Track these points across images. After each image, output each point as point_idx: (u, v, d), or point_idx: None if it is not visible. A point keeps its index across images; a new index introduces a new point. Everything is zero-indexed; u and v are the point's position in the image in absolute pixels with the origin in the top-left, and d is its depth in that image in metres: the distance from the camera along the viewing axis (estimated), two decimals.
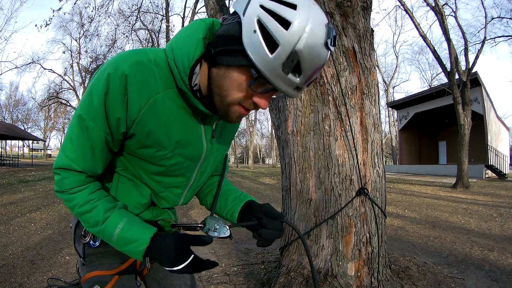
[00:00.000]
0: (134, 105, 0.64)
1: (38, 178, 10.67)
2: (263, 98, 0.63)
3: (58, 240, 3.77)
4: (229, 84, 0.62)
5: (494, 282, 2.55)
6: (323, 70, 2.12)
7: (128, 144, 0.70)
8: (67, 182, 0.68)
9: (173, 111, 0.69)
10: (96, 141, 0.66)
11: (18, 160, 20.80)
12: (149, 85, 0.65)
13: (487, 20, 10.83)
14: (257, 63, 0.55)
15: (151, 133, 0.68)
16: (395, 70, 30.83)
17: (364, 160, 2.10)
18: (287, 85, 0.58)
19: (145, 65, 0.64)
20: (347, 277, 1.96)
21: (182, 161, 0.75)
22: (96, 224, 0.68)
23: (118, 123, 0.65)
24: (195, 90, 0.67)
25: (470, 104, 9.72)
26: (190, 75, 0.65)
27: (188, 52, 0.64)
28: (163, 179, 0.77)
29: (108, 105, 0.63)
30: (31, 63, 21.23)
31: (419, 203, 6.94)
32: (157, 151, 0.70)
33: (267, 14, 0.54)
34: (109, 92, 0.63)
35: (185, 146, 0.73)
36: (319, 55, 0.56)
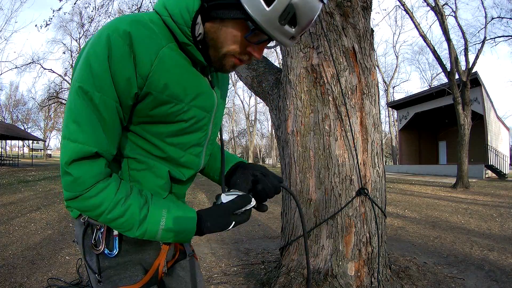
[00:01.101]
0: (144, 61, 0.60)
1: (38, 178, 10.67)
2: (258, 48, 0.65)
3: (58, 240, 3.77)
4: (224, 37, 0.63)
5: (494, 282, 2.55)
6: (323, 70, 2.12)
7: (140, 108, 0.64)
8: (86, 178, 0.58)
9: (181, 63, 0.66)
10: (105, 113, 0.59)
11: (18, 160, 20.80)
12: (153, 39, 0.62)
13: (487, 20, 10.84)
14: (254, 16, 0.57)
15: (166, 86, 0.63)
16: (395, 70, 30.86)
17: (364, 160, 2.10)
18: (283, 35, 0.61)
19: (144, 22, 0.62)
20: (347, 277, 1.96)
21: (198, 113, 0.71)
22: (131, 228, 0.61)
23: (128, 85, 0.59)
24: (198, 41, 0.66)
25: (470, 104, 9.72)
26: (192, 27, 0.64)
27: (186, 5, 0.62)
28: (181, 139, 0.70)
29: (114, 68, 0.57)
30: (31, 63, 21.26)
31: (419, 203, 6.94)
32: (173, 106, 0.65)
33: None
34: (113, 54, 0.57)
35: (199, 96, 0.70)
36: (313, 7, 0.58)
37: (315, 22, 0.64)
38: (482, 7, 11.70)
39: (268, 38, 0.63)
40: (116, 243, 0.68)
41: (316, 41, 2.13)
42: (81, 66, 0.58)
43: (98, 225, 0.68)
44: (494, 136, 14.91)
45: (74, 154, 0.57)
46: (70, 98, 0.59)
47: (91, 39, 0.61)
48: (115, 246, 0.68)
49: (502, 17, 12.46)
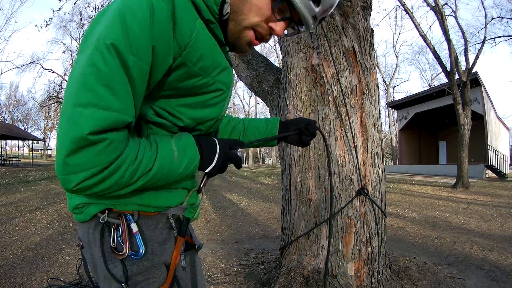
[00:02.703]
0: (185, 30, 0.56)
1: (38, 178, 10.67)
2: (279, 25, 0.66)
3: (58, 240, 3.77)
4: (249, 8, 0.63)
5: (494, 282, 2.55)
6: (323, 70, 2.12)
7: (168, 80, 0.59)
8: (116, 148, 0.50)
9: (209, 39, 0.64)
10: (137, 80, 0.52)
11: (18, 160, 20.80)
12: (190, 9, 0.59)
13: (487, 20, 10.84)
14: None
15: (200, 58, 0.60)
16: (395, 70, 30.85)
17: (364, 160, 2.10)
18: (308, 10, 0.64)
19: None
20: (347, 277, 1.96)
21: (220, 87, 0.68)
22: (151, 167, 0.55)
23: (166, 54, 0.54)
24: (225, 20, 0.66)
25: (470, 104, 9.73)
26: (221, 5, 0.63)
27: None
28: (199, 113, 0.67)
29: (155, 34, 0.51)
30: (31, 63, 21.25)
31: (419, 203, 6.94)
32: (200, 79, 0.62)
33: None
34: (155, 17, 0.51)
35: (223, 71, 0.68)
36: None
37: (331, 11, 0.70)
38: (482, 7, 11.71)
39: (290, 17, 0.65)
40: (140, 240, 0.61)
41: (316, 41, 2.14)
42: (111, 23, 0.49)
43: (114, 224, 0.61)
44: (494, 136, 14.91)
45: (105, 124, 0.47)
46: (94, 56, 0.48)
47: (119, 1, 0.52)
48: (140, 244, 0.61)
49: (502, 17, 12.46)
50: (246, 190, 9.63)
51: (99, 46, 0.48)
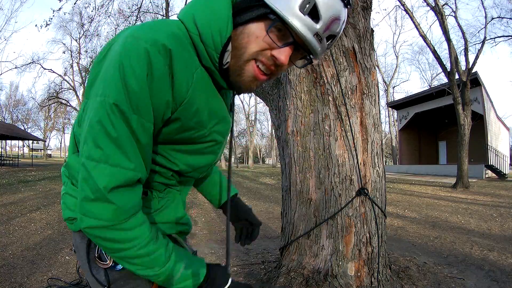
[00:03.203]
0: (182, 84, 0.56)
1: (38, 178, 10.67)
2: (282, 52, 0.58)
3: (58, 240, 3.77)
4: (246, 39, 0.58)
5: (494, 282, 2.55)
6: (323, 70, 2.12)
7: (166, 130, 0.60)
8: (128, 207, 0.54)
9: (208, 86, 0.63)
10: (142, 136, 0.54)
11: (18, 160, 20.80)
12: (190, 60, 0.58)
13: (487, 20, 10.84)
14: (275, 5, 0.55)
15: (197, 113, 0.61)
16: (395, 70, 30.85)
17: (364, 160, 2.10)
18: (306, 27, 0.56)
19: (181, 37, 0.56)
20: (347, 277, 1.96)
21: (216, 138, 0.69)
22: (155, 265, 0.57)
23: (165, 109, 0.55)
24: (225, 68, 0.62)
25: (470, 104, 9.73)
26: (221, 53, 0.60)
27: (219, 28, 0.58)
28: (195, 160, 0.69)
29: (154, 90, 0.52)
30: (31, 63, 21.26)
31: (419, 203, 6.94)
32: (196, 132, 0.63)
33: None
34: (153, 72, 0.51)
35: (220, 123, 0.68)
36: (334, 4, 0.56)
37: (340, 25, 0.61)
38: (482, 7, 11.71)
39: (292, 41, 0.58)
40: None
41: None
42: (113, 79, 0.51)
43: None
44: (494, 136, 14.91)
45: (116, 180, 0.52)
46: (100, 114, 0.51)
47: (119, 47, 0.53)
48: None
49: (502, 17, 12.47)
50: (246, 190, 9.63)
51: (104, 105, 0.51)
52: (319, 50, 0.60)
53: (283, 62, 0.58)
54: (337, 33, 0.61)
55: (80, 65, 21.54)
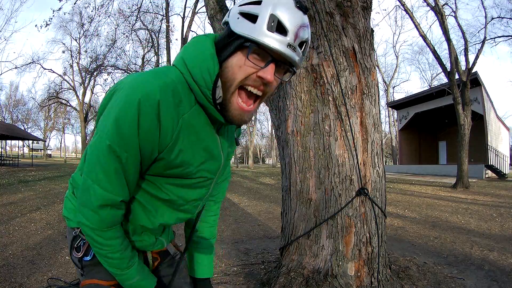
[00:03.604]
0: (167, 131, 0.65)
1: (38, 178, 10.67)
2: (267, 70, 0.65)
3: (58, 240, 3.77)
4: (231, 72, 0.66)
5: (494, 282, 2.55)
6: (323, 70, 2.12)
7: (155, 166, 0.71)
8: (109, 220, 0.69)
9: (198, 129, 0.71)
10: (130, 168, 0.67)
11: (18, 160, 20.79)
12: (178, 108, 0.66)
13: (487, 20, 10.84)
14: (247, 34, 0.63)
15: (180, 154, 0.69)
16: (395, 70, 30.85)
17: (364, 160, 2.10)
18: (279, 42, 0.63)
19: (172, 87, 0.65)
20: (347, 277, 1.96)
21: (205, 175, 0.78)
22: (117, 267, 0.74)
23: (151, 150, 0.66)
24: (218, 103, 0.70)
25: (470, 104, 9.72)
26: (213, 90, 0.67)
27: (207, 67, 0.66)
28: (186, 193, 0.78)
29: (142, 135, 0.63)
30: (31, 63, 21.22)
31: (419, 203, 6.94)
32: (184, 169, 0.72)
33: (243, 6, 0.66)
34: (142, 120, 0.61)
35: (208, 161, 0.76)
36: (294, 15, 0.64)
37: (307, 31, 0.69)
38: (482, 7, 11.70)
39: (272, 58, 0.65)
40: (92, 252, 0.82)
41: (316, 41, 2.13)
42: (110, 123, 0.63)
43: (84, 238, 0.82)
44: (494, 136, 14.91)
45: (103, 201, 0.67)
46: (99, 148, 0.65)
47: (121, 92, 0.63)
48: (91, 253, 0.82)
49: (502, 17, 12.45)
50: (246, 190, 9.63)
51: (102, 143, 0.64)
52: (297, 59, 0.67)
53: (269, 80, 0.65)
54: (306, 39, 0.68)
55: (80, 65, 21.52)
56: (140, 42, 20.35)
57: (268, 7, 0.63)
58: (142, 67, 20.19)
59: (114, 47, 18.93)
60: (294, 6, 0.65)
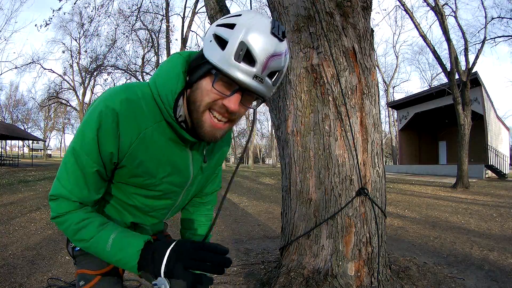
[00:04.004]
0: (125, 140, 0.69)
1: (38, 178, 10.67)
2: (231, 100, 0.66)
3: (58, 240, 3.77)
4: (200, 94, 0.68)
5: (494, 282, 2.55)
6: (323, 70, 2.12)
7: (119, 173, 0.76)
8: (63, 206, 0.72)
9: (162, 144, 0.74)
10: (89, 172, 0.71)
11: (18, 160, 20.79)
12: (138, 120, 0.70)
13: (487, 20, 10.83)
14: (214, 61, 0.63)
15: (141, 164, 0.73)
16: (395, 70, 30.85)
17: (364, 160, 2.10)
18: (244, 73, 0.62)
19: (134, 102, 0.69)
20: (347, 277, 1.96)
21: (169, 188, 0.81)
22: (90, 238, 0.71)
23: (111, 156, 0.70)
24: (181, 121, 0.73)
25: (470, 104, 9.72)
26: (174, 108, 0.71)
27: (170, 87, 0.70)
28: (151, 202, 0.83)
29: (101, 140, 0.68)
30: (31, 63, 21.22)
31: (419, 203, 6.94)
32: (146, 180, 0.76)
33: (219, 27, 0.65)
34: (101, 128, 0.67)
35: (172, 175, 0.79)
36: (267, 42, 0.61)
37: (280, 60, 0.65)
38: (482, 7, 11.69)
39: (239, 88, 0.64)
40: None
41: (316, 41, 2.13)
42: (79, 129, 0.70)
43: None
44: (494, 136, 14.90)
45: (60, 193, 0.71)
46: (67, 151, 0.72)
47: (92, 105, 0.71)
48: None
49: (502, 17, 12.44)
50: (246, 190, 9.63)
51: (70, 146, 0.71)
52: (264, 90, 0.66)
53: (233, 110, 0.66)
54: (280, 67, 0.66)
55: (80, 65, 21.52)
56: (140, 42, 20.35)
57: (240, 33, 0.61)
58: (142, 67, 20.18)
59: (114, 47, 18.93)
60: (269, 33, 0.62)
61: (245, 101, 0.69)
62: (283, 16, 2.25)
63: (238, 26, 0.62)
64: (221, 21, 0.66)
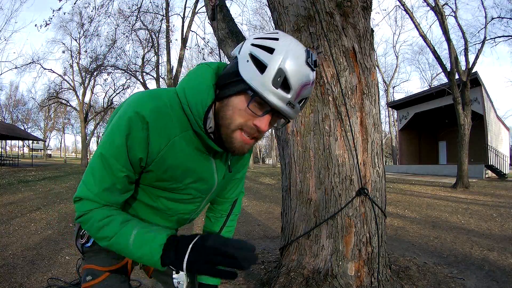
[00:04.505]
0: (154, 147, 0.71)
1: (38, 178, 10.66)
2: (264, 121, 0.69)
3: (58, 240, 3.77)
4: (231, 112, 0.69)
5: (494, 282, 2.55)
6: (323, 70, 2.12)
7: (146, 176, 0.77)
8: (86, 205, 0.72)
9: (189, 152, 0.76)
10: (118, 177, 0.72)
11: (18, 160, 20.79)
12: (167, 129, 0.72)
13: (487, 20, 10.82)
14: (251, 83, 0.65)
15: (168, 170, 0.75)
16: (395, 70, 30.85)
17: (364, 160, 2.10)
18: (279, 99, 0.65)
19: (163, 111, 0.71)
20: (347, 277, 1.96)
21: (194, 193, 0.84)
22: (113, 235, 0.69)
23: (139, 161, 0.72)
24: (210, 132, 0.74)
25: (470, 104, 9.72)
26: (204, 120, 0.72)
27: (201, 99, 0.71)
28: (175, 206, 0.85)
29: (130, 146, 0.69)
30: (31, 63, 21.18)
31: (419, 203, 6.94)
32: (172, 184, 0.78)
33: (256, 47, 0.66)
34: (131, 134, 0.69)
35: (197, 182, 0.81)
36: (302, 72, 0.66)
37: (310, 88, 0.71)
38: (482, 7, 11.69)
39: (270, 109, 0.67)
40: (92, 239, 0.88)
41: (316, 41, 2.13)
42: (107, 134, 0.71)
43: None
44: (494, 136, 14.90)
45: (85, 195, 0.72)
46: (94, 157, 0.73)
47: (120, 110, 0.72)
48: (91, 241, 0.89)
49: (502, 17, 12.43)
50: (246, 190, 9.62)
51: (97, 152, 0.72)
52: (293, 114, 0.70)
53: (263, 130, 0.70)
54: (309, 95, 0.71)
55: (80, 65, 21.49)
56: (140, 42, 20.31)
57: (279, 59, 0.63)
58: (142, 67, 20.16)
59: (114, 47, 18.89)
60: (304, 62, 0.66)
61: (273, 121, 0.73)
62: (283, 16, 2.25)
63: (277, 52, 0.64)
64: (259, 42, 0.67)
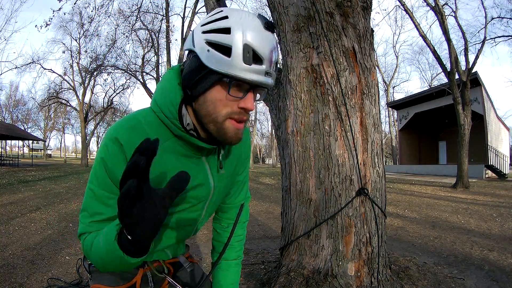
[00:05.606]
0: None
1: (38, 178, 10.67)
2: (248, 100, 0.67)
3: (58, 240, 3.77)
4: (212, 106, 0.67)
5: (494, 282, 2.55)
6: (323, 70, 2.12)
7: None
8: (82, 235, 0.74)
9: (175, 161, 0.74)
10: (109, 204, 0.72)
11: (18, 160, 20.80)
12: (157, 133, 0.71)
13: (487, 20, 10.83)
14: (223, 70, 0.62)
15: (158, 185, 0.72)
16: (395, 70, 30.88)
17: (364, 160, 2.10)
18: (257, 74, 0.63)
19: (137, 129, 0.71)
20: (347, 277, 1.96)
21: (192, 202, 0.80)
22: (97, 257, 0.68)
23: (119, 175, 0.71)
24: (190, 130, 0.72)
25: (470, 104, 9.72)
26: (180, 119, 0.70)
27: (170, 99, 0.70)
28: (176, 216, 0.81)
29: (111, 171, 0.70)
30: (31, 63, 21.19)
31: (419, 203, 6.94)
32: None
33: (210, 33, 0.64)
34: (108, 157, 0.69)
35: (191, 190, 0.78)
36: (266, 39, 0.64)
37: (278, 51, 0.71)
38: (482, 7, 11.69)
39: (249, 87, 0.66)
40: None
41: (316, 41, 2.13)
42: (92, 167, 0.73)
43: None
44: (494, 136, 14.91)
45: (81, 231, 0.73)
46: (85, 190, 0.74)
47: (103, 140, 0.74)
48: None
49: (502, 17, 12.43)
50: None
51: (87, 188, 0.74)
52: (272, 83, 0.68)
53: (251, 108, 0.68)
54: (277, 58, 0.69)
55: (80, 65, 21.49)
56: (140, 42, 20.31)
57: (240, 36, 0.61)
58: (142, 67, 20.15)
59: (114, 47, 18.90)
60: (263, 29, 0.64)
61: (255, 96, 0.71)
62: (283, 16, 2.25)
63: (234, 29, 0.61)
64: (210, 27, 0.64)
